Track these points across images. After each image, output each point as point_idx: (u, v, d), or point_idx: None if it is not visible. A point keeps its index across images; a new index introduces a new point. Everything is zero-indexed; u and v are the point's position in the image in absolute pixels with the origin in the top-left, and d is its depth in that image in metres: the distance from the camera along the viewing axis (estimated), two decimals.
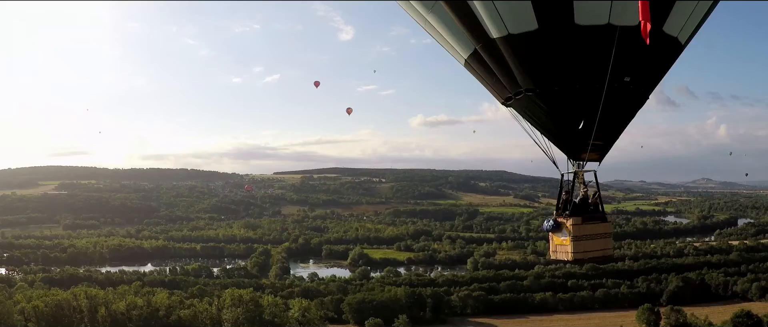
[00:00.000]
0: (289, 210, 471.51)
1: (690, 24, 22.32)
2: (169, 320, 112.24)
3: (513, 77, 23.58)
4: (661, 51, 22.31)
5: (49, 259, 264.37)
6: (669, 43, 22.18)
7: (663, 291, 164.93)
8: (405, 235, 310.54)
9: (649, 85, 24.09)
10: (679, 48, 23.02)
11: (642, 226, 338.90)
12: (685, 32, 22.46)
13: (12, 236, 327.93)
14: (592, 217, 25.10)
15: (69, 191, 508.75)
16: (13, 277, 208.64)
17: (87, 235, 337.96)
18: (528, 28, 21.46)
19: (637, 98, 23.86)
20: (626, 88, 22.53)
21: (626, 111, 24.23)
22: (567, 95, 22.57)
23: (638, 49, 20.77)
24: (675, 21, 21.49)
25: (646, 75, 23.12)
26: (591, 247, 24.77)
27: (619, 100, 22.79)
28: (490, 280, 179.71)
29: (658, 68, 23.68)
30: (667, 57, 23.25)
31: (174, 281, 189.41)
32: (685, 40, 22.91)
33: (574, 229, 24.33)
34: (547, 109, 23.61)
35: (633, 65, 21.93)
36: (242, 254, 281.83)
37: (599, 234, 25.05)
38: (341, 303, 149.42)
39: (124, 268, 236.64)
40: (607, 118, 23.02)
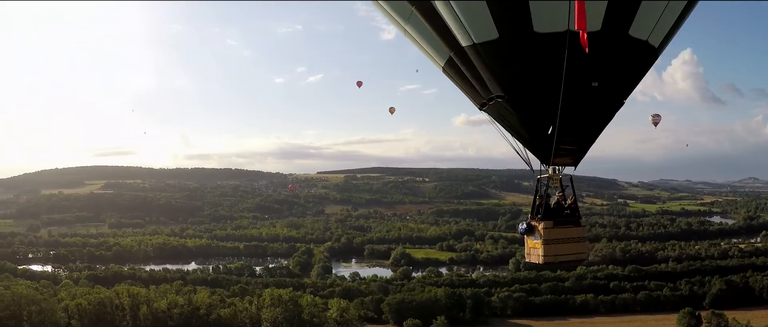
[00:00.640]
0: (332, 209, 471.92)
1: (662, 27, 21.99)
2: (209, 319, 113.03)
3: (484, 84, 23.76)
4: (629, 55, 22.13)
5: (95, 257, 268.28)
6: (638, 47, 21.89)
7: (706, 294, 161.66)
8: (447, 235, 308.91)
9: (623, 89, 23.99)
10: (651, 51, 22.70)
11: (687, 226, 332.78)
12: (656, 35, 22.11)
13: (58, 234, 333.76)
14: (564, 221, 25.31)
15: (115, 191, 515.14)
16: (59, 275, 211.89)
17: (132, 233, 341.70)
18: (489, 38, 21.65)
19: (610, 103, 23.86)
20: (595, 94, 22.50)
21: (598, 116, 24.15)
22: (533, 101, 22.68)
23: (603, 54, 20.88)
24: (642, 24, 21.26)
25: (616, 80, 22.95)
26: (563, 251, 25.05)
27: (588, 106, 22.90)
28: (531, 282, 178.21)
29: (630, 73, 23.52)
30: (638, 61, 23.06)
31: (216, 280, 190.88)
32: (659, 44, 22.62)
33: (545, 233, 24.66)
34: (516, 115, 23.84)
35: (599, 70, 21.88)
36: (285, 253, 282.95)
37: (572, 238, 25.30)
38: (381, 303, 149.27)
39: (168, 266, 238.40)
40: (577, 123, 23.28)
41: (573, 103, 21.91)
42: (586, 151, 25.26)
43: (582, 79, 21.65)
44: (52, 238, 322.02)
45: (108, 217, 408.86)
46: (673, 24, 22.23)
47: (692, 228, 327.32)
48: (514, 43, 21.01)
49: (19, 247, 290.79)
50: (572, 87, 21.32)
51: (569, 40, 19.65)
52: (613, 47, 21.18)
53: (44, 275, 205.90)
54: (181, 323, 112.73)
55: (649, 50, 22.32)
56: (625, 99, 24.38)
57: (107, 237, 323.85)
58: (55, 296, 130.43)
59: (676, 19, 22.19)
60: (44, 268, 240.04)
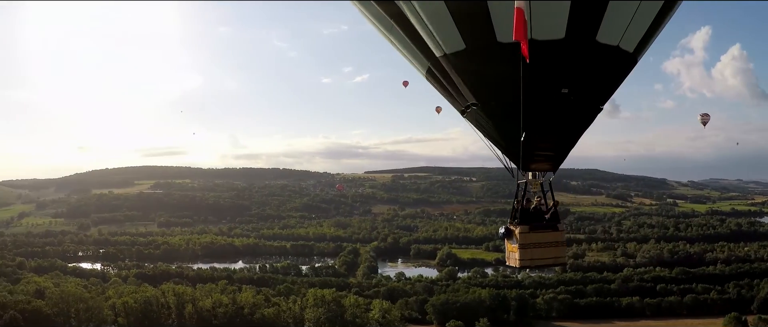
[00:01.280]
0: (379, 209, 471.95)
1: (634, 32, 21.73)
2: (253, 318, 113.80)
3: (460, 92, 24.20)
4: (599, 62, 21.97)
5: (143, 255, 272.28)
6: (608, 53, 21.68)
7: (754, 298, 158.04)
8: (494, 235, 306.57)
9: (598, 96, 23.96)
10: (625, 57, 22.48)
11: (736, 227, 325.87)
12: (629, 41, 21.87)
13: (108, 233, 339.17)
14: (541, 225, 25.60)
15: (164, 190, 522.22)
16: (108, 273, 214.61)
17: (180, 232, 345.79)
18: (458, 48, 21.92)
19: (585, 109, 23.89)
20: (566, 100, 22.50)
21: (573, 122, 24.21)
22: (502, 109, 23.02)
23: (570, 61, 21.13)
24: (610, 30, 21.04)
25: (587, 86, 22.86)
26: (539, 255, 25.46)
27: (560, 112, 22.99)
28: (577, 283, 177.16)
29: (603, 79, 23.41)
30: (610, 67, 22.92)
31: (263, 279, 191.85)
32: (634, 49, 22.39)
33: (521, 238, 25.03)
34: (490, 122, 24.23)
35: (568, 77, 21.94)
36: (331, 253, 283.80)
37: (549, 242, 25.58)
38: (425, 304, 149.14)
39: (215, 265, 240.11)
40: (550, 129, 23.67)
41: (544, 110, 22.39)
42: (565, 157, 25.90)
43: (551, 86, 21.89)
44: (101, 236, 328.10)
45: (157, 217, 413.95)
46: (649, 28, 21.94)
47: (742, 229, 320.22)
48: (479, 54, 21.29)
49: (69, 245, 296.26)
50: (542, 94, 21.79)
51: (532, 50, 19.48)
52: (580, 54, 21.18)
53: (93, 273, 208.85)
54: (226, 322, 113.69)
55: (623, 56, 22.14)
56: (603, 105, 24.46)
57: (156, 236, 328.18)
58: (102, 294, 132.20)
59: (652, 24, 21.85)
60: (93, 266, 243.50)
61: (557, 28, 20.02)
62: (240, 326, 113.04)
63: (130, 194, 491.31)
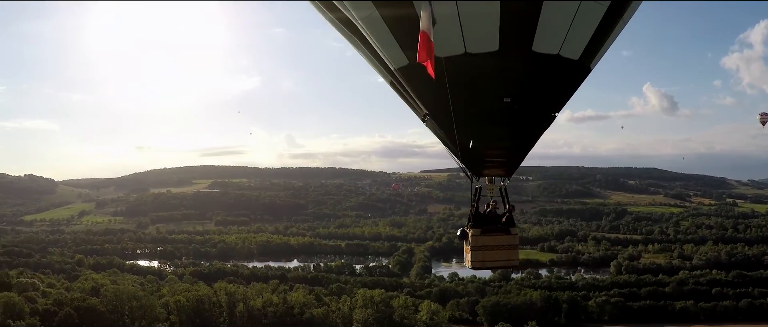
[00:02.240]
0: (435, 208, 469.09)
1: (576, 40, 21.57)
2: (303, 318, 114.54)
3: (416, 102, 24.71)
4: (540, 71, 21.90)
5: (200, 253, 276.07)
6: (549, 62, 21.57)
7: None
8: (550, 236, 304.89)
9: (546, 104, 23.97)
10: (570, 65, 22.21)
11: None
12: (572, 49, 21.70)
13: (166, 231, 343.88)
14: (493, 229, 26.25)
15: (221, 189, 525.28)
16: (165, 271, 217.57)
17: (236, 231, 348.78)
18: (402, 64, 22.43)
19: (533, 118, 24.09)
20: (510, 109, 22.70)
21: (522, 130, 24.54)
22: (448, 119, 23.11)
23: (508, 72, 21.38)
24: (547, 40, 20.97)
25: (531, 95, 22.90)
26: (490, 257, 26.19)
27: (505, 121, 23.29)
28: (631, 286, 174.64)
29: (549, 87, 23.24)
30: (555, 75, 22.65)
31: (316, 278, 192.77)
32: (579, 56, 22.15)
33: (473, 240, 25.91)
34: (441, 131, 24.63)
35: (508, 87, 22.15)
36: (386, 252, 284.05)
37: (501, 245, 26.20)
38: (477, 305, 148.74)
39: (270, 263, 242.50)
40: (498, 138, 24.15)
41: (488, 120, 22.89)
42: (517, 163, 26.35)
43: (492, 96, 22.16)
44: (159, 234, 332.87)
45: (214, 215, 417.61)
46: (593, 36, 21.70)
47: None
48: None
49: (127, 243, 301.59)
50: (485, 104, 22.30)
51: (469, 62, 20.49)
52: (517, 65, 21.37)
53: (150, 270, 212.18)
54: (275, 321, 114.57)
55: (567, 64, 21.96)
56: (556, 112, 24.52)
57: (212, 234, 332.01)
58: (157, 292, 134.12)
59: (596, 31, 21.52)
60: (150, 264, 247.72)
61: (490, 41, 20.26)
62: (289, 325, 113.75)
63: (187, 193, 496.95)
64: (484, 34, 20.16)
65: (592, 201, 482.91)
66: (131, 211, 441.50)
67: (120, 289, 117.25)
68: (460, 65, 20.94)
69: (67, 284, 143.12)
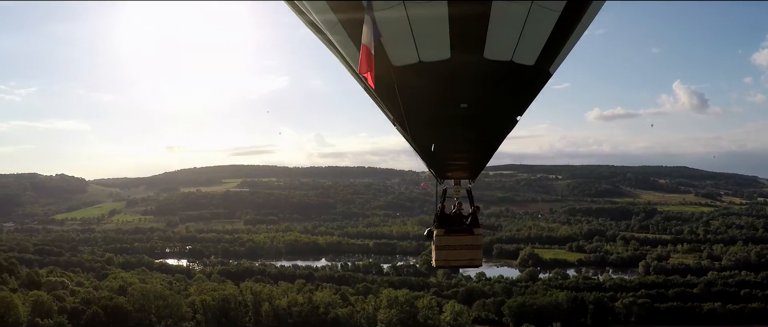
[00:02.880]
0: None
1: (529, 45, 21.55)
2: (327, 317, 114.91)
3: (384, 107, 25.16)
4: (494, 77, 22.12)
5: (228, 252, 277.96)
6: (502, 68, 21.70)
7: None
8: (578, 235, 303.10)
9: (505, 108, 24.26)
10: (526, 70, 22.24)
11: None
12: (527, 54, 21.75)
13: (195, 230, 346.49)
14: (457, 229, 26.82)
15: (250, 189, 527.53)
16: (193, 269, 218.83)
17: (265, 230, 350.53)
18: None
19: (492, 123, 24.47)
20: (468, 115, 23.19)
21: (481, 135, 24.95)
22: (412, 125, 23.79)
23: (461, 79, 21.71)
24: (497, 47, 21.10)
25: (488, 101, 23.17)
26: (453, 257, 26.82)
27: (463, 127, 23.78)
28: (658, 287, 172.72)
29: (505, 92, 23.36)
30: (509, 81, 22.75)
31: (343, 277, 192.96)
32: (534, 61, 22.14)
33: (436, 240, 26.40)
34: (407, 135, 25.02)
35: (463, 94, 22.50)
36: (414, 251, 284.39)
37: (464, 245, 26.75)
38: (503, 305, 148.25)
39: (298, 262, 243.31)
40: (458, 142, 24.66)
41: (447, 125, 23.42)
42: (480, 166, 27.14)
43: (450, 102, 22.63)
44: (188, 233, 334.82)
45: (243, 214, 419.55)
46: (548, 40, 21.60)
47: None
48: (380, 78, 21.54)
49: (157, 242, 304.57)
50: (443, 110, 22.84)
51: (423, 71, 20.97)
52: (469, 72, 21.60)
53: (179, 269, 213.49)
54: (300, 321, 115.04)
55: (523, 69, 22.05)
56: (518, 116, 24.90)
57: (241, 233, 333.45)
58: (184, 291, 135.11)
59: (551, 35, 21.60)
60: (179, 263, 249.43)
61: (442, 50, 20.59)
62: (314, 325, 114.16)
63: (217, 192, 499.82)
64: (436, 43, 20.55)
65: (621, 200, 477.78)
66: (161, 211, 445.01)
67: (146, 288, 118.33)
68: (415, 74, 21.50)
69: (95, 283, 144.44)
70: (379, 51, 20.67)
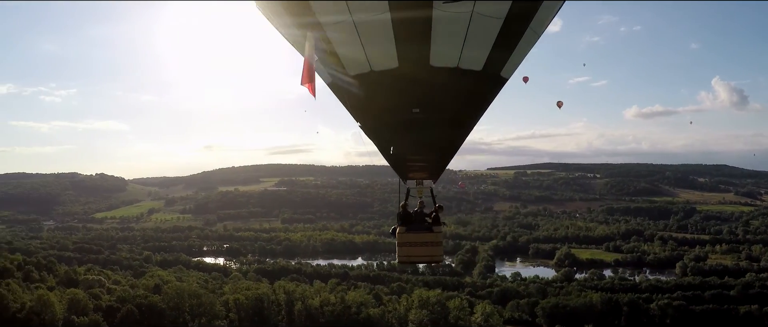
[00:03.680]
0: (501, 206, 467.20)
1: (474, 51, 22.19)
2: (359, 317, 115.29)
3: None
4: (441, 83, 22.90)
5: (265, 250, 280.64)
6: (449, 74, 22.50)
7: None
8: (615, 235, 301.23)
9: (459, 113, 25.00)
10: (475, 75, 22.97)
11: None
12: (473, 60, 22.44)
13: (233, 229, 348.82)
14: (417, 227, 27.70)
15: (288, 187, 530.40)
16: (230, 267, 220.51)
17: (302, 229, 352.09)
18: (328, 81, 24.39)
19: (447, 127, 25.20)
20: (421, 119, 23.97)
21: (437, 138, 25.74)
22: (370, 127, 25.35)
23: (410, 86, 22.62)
24: (443, 54, 21.91)
25: (439, 106, 23.99)
26: (414, 253, 27.51)
27: (417, 131, 24.62)
28: (695, 288, 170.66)
29: (455, 98, 24.04)
30: (458, 86, 23.39)
31: (378, 276, 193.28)
32: (482, 66, 22.82)
33: (398, 237, 27.42)
34: (370, 137, 26.07)
35: (416, 100, 23.38)
36: (450, 250, 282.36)
37: (425, 242, 27.60)
38: (536, 306, 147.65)
39: (335, 261, 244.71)
40: (414, 144, 25.63)
41: (403, 129, 24.47)
42: (441, 168, 28.32)
43: (402, 108, 23.56)
44: (226, 232, 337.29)
45: (280, 213, 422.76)
46: (494, 45, 22.16)
47: None
48: (338, 86, 23.82)
49: (195, 240, 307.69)
50: (396, 115, 23.93)
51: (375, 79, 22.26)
52: (416, 79, 22.38)
53: (215, 267, 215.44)
54: (333, 320, 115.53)
55: (471, 75, 22.83)
56: (473, 120, 25.93)
57: (278, 232, 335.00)
58: (219, 289, 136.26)
59: (496, 42, 22.07)
60: (216, 261, 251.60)
61: (390, 59, 21.59)
62: (345, 325, 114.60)
63: (254, 191, 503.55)
64: (384, 54, 21.52)
65: (660, 199, 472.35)
66: (199, 209, 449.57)
67: (181, 286, 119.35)
68: (368, 82, 22.68)
69: (132, 281, 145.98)
70: (337, 61, 22.39)
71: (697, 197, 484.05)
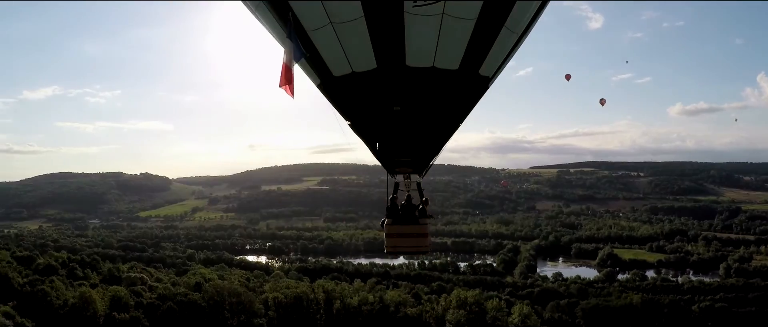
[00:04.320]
0: (544, 205, 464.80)
1: (449, 51, 23.11)
2: (397, 317, 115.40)
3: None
4: (419, 82, 23.94)
5: (307, 249, 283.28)
6: (426, 74, 23.51)
7: None
8: (659, 235, 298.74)
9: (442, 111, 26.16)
10: (452, 75, 23.91)
11: None
12: (448, 59, 23.37)
13: (275, 227, 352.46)
14: (404, 219, 29.20)
15: (330, 186, 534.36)
16: (272, 266, 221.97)
17: (344, 228, 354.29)
18: (317, 82, 26.17)
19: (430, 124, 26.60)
20: (402, 117, 25.61)
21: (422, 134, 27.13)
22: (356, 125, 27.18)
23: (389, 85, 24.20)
24: (418, 54, 22.94)
25: (420, 104, 25.15)
26: (402, 244, 29.49)
27: (400, 127, 26.30)
28: (738, 290, 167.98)
29: (435, 96, 25.10)
30: (436, 85, 24.37)
31: (420, 275, 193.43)
32: (458, 65, 23.70)
33: (387, 228, 29.03)
34: (359, 134, 27.80)
35: (395, 98, 24.90)
36: (492, 250, 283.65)
37: (411, 233, 29.36)
38: (576, 307, 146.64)
39: (376, 260, 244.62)
40: (399, 140, 27.16)
41: (385, 126, 26.38)
42: (426, 163, 29.29)
43: (383, 106, 25.35)
44: (269, 230, 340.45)
45: (323, 212, 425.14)
46: (469, 45, 23.09)
47: None
48: (326, 86, 25.77)
49: (238, 238, 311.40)
50: (378, 113, 25.85)
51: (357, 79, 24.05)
52: (394, 79, 23.83)
53: (258, 266, 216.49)
54: (370, 320, 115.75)
55: (448, 74, 23.84)
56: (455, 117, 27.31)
57: (321, 230, 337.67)
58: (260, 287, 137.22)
59: (471, 42, 22.98)
60: (259, 259, 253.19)
61: (369, 61, 23.23)
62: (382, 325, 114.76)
63: (297, 190, 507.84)
64: (363, 55, 23.06)
65: (705, 198, 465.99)
66: (243, 208, 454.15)
67: (221, 284, 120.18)
68: (351, 83, 24.19)
69: (174, 279, 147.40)
70: (321, 65, 24.37)
71: (742, 196, 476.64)
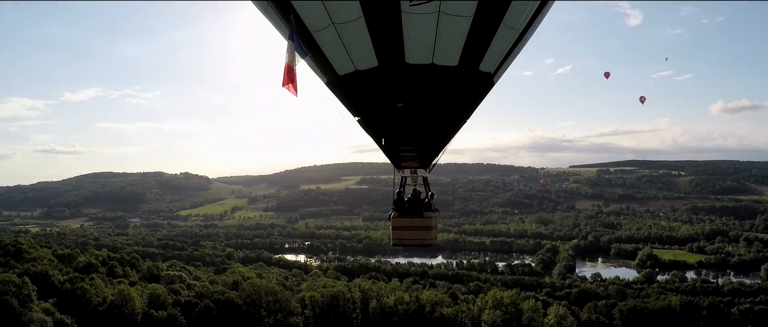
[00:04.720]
0: (583, 205, 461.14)
1: (447, 48, 23.35)
2: (432, 317, 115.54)
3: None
4: (419, 79, 24.33)
5: (346, 248, 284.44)
6: (426, 71, 23.88)
7: None
8: (699, 235, 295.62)
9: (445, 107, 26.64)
10: (451, 71, 24.16)
11: None
12: (447, 56, 23.62)
13: (314, 226, 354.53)
14: (409, 212, 30.48)
15: (369, 185, 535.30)
16: (311, 265, 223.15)
17: (383, 227, 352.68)
18: (325, 80, 26.60)
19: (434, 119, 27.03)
20: (406, 113, 26.03)
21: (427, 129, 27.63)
22: (363, 121, 27.75)
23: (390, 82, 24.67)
24: (417, 51, 23.28)
25: (422, 100, 25.73)
26: (407, 236, 30.59)
27: (404, 122, 26.84)
28: None
29: (438, 92, 25.47)
30: (437, 82, 24.70)
31: (457, 275, 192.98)
32: (457, 62, 23.91)
33: (393, 221, 30.41)
34: (367, 130, 28.49)
35: (397, 95, 25.40)
36: (530, 250, 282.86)
37: (415, 226, 30.41)
38: (614, 308, 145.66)
39: (414, 260, 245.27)
40: (404, 135, 27.87)
41: (390, 122, 26.98)
42: (431, 157, 30.55)
43: (387, 102, 25.84)
44: (307, 229, 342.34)
45: (362, 211, 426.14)
46: (466, 43, 23.40)
47: None
48: (333, 84, 26.16)
49: (277, 237, 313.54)
50: (382, 109, 26.41)
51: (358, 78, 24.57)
52: (395, 76, 24.29)
53: (296, 264, 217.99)
54: (406, 319, 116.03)
55: (448, 71, 24.15)
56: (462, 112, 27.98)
57: (359, 230, 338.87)
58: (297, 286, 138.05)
59: (469, 39, 23.25)
60: (297, 258, 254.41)
61: (370, 60, 23.78)
62: (418, 324, 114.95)
63: (336, 189, 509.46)
64: (364, 54, 23.68)
65: (746, 198, 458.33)
66: (282, 207, 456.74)
67: (258, 283, 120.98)
68: (355, 81, 24.71)
69: (212, 277, 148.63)
70: (327, 64, 24.96)
71: None
